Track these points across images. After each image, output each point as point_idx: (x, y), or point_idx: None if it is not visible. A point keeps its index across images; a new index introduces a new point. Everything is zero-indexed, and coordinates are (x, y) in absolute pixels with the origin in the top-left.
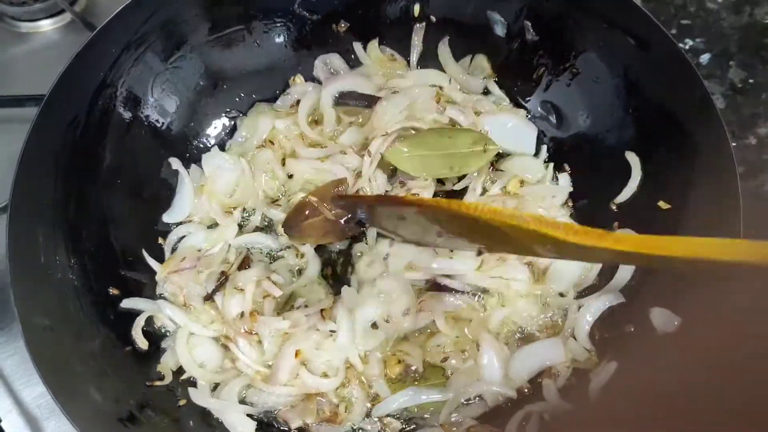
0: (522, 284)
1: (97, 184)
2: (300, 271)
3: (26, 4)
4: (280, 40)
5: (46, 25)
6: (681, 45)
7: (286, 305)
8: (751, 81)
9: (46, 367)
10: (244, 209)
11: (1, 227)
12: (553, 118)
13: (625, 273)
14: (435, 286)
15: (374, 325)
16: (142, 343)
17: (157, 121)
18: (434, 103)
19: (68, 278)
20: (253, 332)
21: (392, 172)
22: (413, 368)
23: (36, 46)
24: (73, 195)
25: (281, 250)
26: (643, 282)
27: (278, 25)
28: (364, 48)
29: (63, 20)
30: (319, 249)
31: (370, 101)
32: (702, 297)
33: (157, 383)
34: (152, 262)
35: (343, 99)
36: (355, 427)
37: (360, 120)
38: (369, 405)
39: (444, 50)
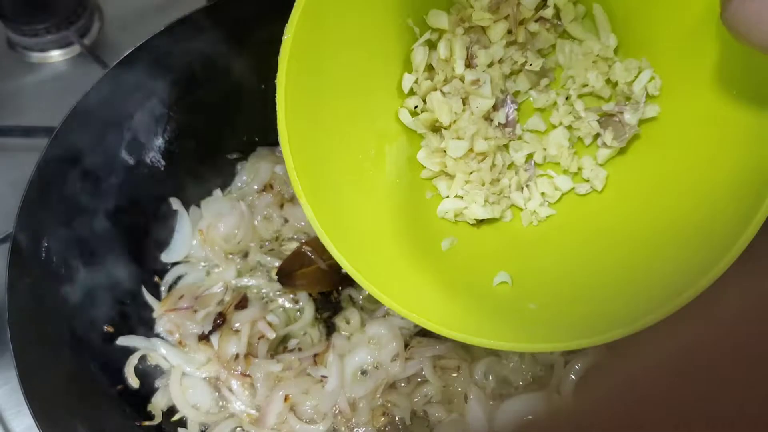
0: None
1: (98, 221)
2: (297, 311)
3: (38, 35)
4: None
5: (56, 56)
6: None
7: (279, 345)
8: None
9: (37, 404)
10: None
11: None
12: None
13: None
14: (423, 332)
15: (364, 373)
16: (134, 382)
17: (159, 161)
18: None
19: (65, 313)
20: (247, 374)
21: None
22: (397, 419)
23: (45, 76)
24: (73, 231)
25: (276, 293)
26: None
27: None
28: None
29: (73, 52)
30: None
31: None
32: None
33: (147, 423)
34: (150, 300)
35: None
36: None
37: None
38: None
39: None
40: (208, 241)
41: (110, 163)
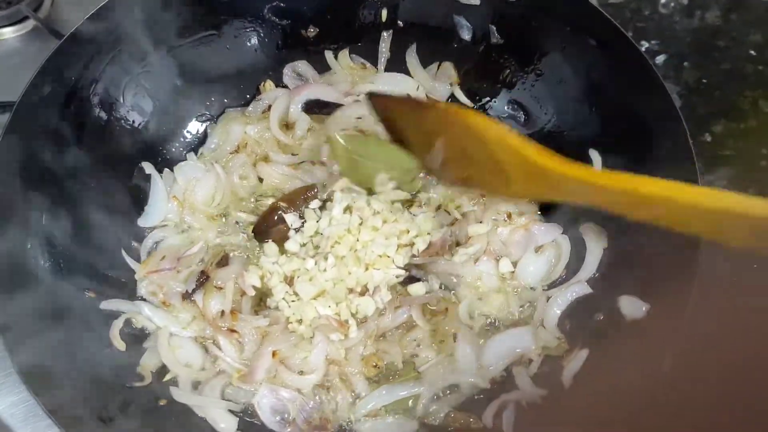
0: (492, 278)
1: (71, 189)
2: None
3: None
4: (250, 44)
5: (8, 32)
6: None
7: (260, 302)
8: (704, 81)
9: (26, 368)
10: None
11: None
12: (520, 117)
13: (590, 266)
14: (409, 279)
15: None
16: (120, 345)
17: (130, 124)
18: None
19: (45, 282)
20: (234, 330)
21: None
22: (388, 365)
23: None
24: (47, 199)
25: (255, 250)
26: (609, 274)
27: (248, 29)
28: (335, 56)
29: (25, 28)
30: None
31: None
32: (668, 287)
33: (137, 384)
34: (131, 262)
35: (311, 107)
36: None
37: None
38: (351, 403)
39: (412, 57)
40: (186, 206)
41: (79, 128)
